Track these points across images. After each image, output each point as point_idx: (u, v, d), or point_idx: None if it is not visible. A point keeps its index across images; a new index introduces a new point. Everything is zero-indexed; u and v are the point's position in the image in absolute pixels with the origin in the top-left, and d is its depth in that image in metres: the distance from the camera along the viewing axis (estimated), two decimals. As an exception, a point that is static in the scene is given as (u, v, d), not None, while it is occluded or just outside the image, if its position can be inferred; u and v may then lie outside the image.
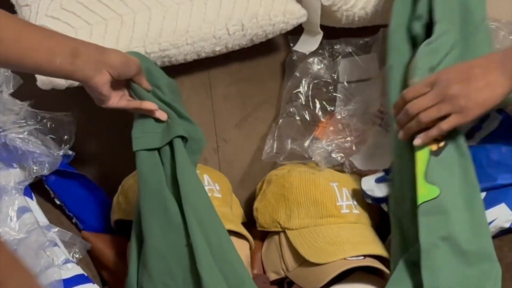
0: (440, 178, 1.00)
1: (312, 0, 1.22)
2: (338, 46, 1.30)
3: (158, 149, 1.04)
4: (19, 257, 0.73)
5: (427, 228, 0.97)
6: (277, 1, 1.20)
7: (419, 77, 1.04)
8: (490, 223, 1.10)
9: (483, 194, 1.11)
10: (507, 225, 1.12)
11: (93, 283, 1.00)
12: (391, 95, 1.09)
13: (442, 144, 1.02)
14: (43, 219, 1.06)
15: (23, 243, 0.94)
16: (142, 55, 1.11)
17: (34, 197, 1.08)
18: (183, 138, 1.05)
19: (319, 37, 1.26)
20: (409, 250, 1.01)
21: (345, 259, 1.06)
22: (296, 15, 1.21)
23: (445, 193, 0.99)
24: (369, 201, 1.14)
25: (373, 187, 1.13)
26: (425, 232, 0.97)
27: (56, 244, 1.02)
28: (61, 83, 1.10)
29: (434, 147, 1.02)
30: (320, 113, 1.27)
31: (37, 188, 1.11)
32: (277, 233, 1.16)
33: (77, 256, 1.04)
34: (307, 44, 1.27)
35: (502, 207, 1.11)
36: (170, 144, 1.04)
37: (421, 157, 1.01)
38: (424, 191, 0.99)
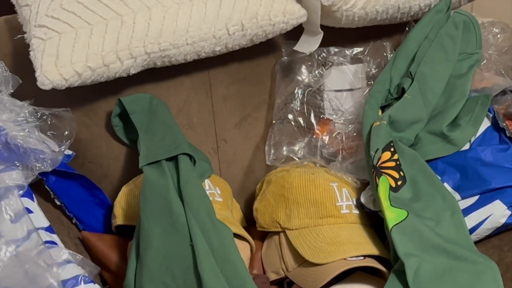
0: (404, 203, 1.08)
1: (312, 0, 1.22)
2: (325, 55, 1.30)
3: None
4: None
5: (402, 245, 1.02)
6: (277, 1, 1.20)
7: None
8: (485, 219, 1.12)
9: (476, 198, 1.12)
10: (503, 221, 1.12)
11: (94, 283, 1.00)
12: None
13: (400, 182, 1.11)
14: (43, 221, 1.06)
15: (23, 244, 0.94)
16: (137, 96, 1.21)
17: (35, 199, 1.08)
18: (190, 158, 1.12)
19: (319, 37, 1.26)
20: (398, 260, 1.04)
21: (345, 259, 1.06)
22: (296, 15, 1.21)
23: (413, 213, 1.06)
24: (368, 210, 1.16)
25: (369, 200, 1.15)
26: (402, 249, 1.02)
27: (55, 243, 1.02)
28: (61, 83, 1.10)
29: (393, 183, 1.11)
30: (314, 120, 1.28)
31: (37, 188, 1.11)
32: (277, 233, 1.16)
33: (86, 279, 1.02)
34: (307, 44, 1.27)
35: (496, 204, 1.12)
36: (176, 160, 1.10)
37: (382, 189, 1.09)
38: (392, 216, 1.06)
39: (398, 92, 1.22)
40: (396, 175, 1.12)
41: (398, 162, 1.13)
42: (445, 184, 1.14)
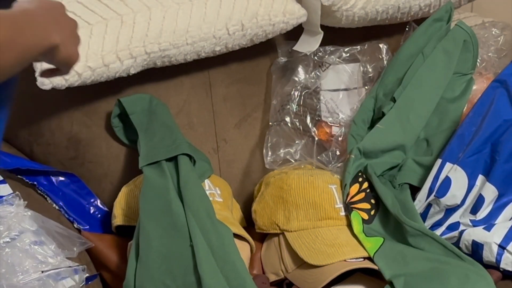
0: (378, 230, 1.11)
1: (312, 0, 1.22)
2: (322, 54, 1.29)
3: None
4: None
5: (387, 269, 1.03)
6: (277, 1, 1.20)
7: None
8: None
9: None
10: None
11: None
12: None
13: (373, 212, 1.13)
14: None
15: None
16: (137, 97, 1.20)
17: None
18: (190, 158, 1.13)
19: (319, 37, 1.26)
20: None
21: (344, 260, 1.06)
22: (296, 15, 1.21)
23: (388, 238, 1.10)
24: None
25: None
26: (388, 273, 1.03)
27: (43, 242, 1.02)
28: (61, 83, 1.10)
29: (365, 216, 1.13)
30: (310, 123, 1.28)
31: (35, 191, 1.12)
32: (276, 234, 1.16)
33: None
34: (307, 44, 1.27)
35: None
36: (176, 161, 1.10)
37: (355, 223, 1.12)
38: (370, 245, 1.08)
39: (379, 114, 1.23)
40: (368, 206, 1.14)
41: (368, 191, 1.15)
42: None
